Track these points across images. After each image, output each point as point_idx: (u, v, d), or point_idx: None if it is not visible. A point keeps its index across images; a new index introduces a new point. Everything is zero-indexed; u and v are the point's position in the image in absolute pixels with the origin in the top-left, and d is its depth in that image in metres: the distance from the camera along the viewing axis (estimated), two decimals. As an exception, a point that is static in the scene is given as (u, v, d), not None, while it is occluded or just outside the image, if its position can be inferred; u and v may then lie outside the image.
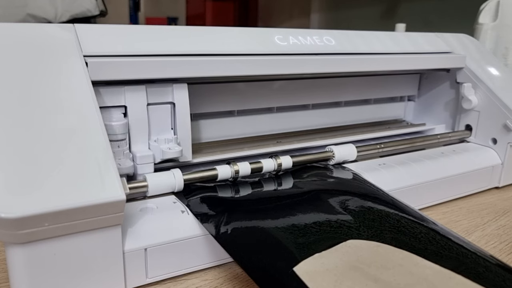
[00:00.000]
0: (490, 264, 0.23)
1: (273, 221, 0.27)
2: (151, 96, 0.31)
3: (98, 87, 0.29)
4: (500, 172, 0.44)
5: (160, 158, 0.31)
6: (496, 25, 0.61)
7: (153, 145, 0.32)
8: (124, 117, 0.31)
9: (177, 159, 0.33)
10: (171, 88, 0.32)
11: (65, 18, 1.33)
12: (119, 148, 0.30)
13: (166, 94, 0.32)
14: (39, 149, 0.22)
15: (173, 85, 0.32)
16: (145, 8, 2.71)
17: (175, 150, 0.31)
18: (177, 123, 0.33)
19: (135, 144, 0.31)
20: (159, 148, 0.31)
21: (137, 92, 0.31)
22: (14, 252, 0.21)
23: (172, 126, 0.33)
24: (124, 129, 0.30)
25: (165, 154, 0.31)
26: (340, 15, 1.67)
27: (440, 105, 0.51)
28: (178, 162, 0.33)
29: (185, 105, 0.33)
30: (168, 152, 0.31)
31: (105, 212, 0.22)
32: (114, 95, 0.30)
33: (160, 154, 0.31)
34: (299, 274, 0.21)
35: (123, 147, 0.30)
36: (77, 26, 0.30)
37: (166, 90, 0.32)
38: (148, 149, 0.32)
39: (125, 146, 0.30)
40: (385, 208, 0.30)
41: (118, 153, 0.30)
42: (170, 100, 0.32)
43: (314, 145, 0.41)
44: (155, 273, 0.26)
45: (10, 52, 0.27)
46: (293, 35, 0.38)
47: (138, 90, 0.31)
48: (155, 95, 0.32)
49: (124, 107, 0.31)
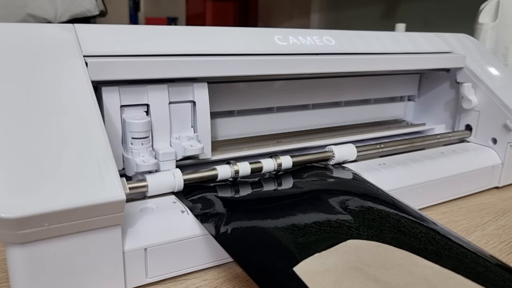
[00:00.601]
0: (490, 264, 0.23)
1: (273, 221, 0.27)
2: (172, 95, 0.32)
3: (122, 86, 0.30)
4: (500, 172, 0.44)
5: (181, 155, 0.32)
6: (496, 25, 0.61)
7: (175, 143, 0.32)
8: (147, 115, 0.31)
9: (197, 156, 0.33)
10: (192, 87, 0.33)
11: (65, 18, 1.33)
12: (142, 145, 0.30)
13: (187, 92, 0.33)
14: (39, 149, 0.22)
15: (194, 84, 0.33)
16: (145, 8, 2.71)
17: (196, 147, 0.32)
18: (197, 121, 0.33)
19: (157, 142, 0.32)
20: (181, 145, 0.32)
21: (160, 91, 0.31)
22: (14, 252, 0.21)
23: (192, 124, 0.34)
24: (148, 127, 0.30)
25: (187, 151, 0.32)
26: (340, 15, 1.67)
27: (440, 105, 0.51)
28: (197, 159, 0.34)
29: (205, 103, 0.33)
30: (190, 149, 0.32)
31: (105, 212, 0.22)
32: (137, 94, 0.31)
33: (181, 151, 0.32)
34: (299, 274, 0.21)
35: (146, 144, 0.30)
36: (77, 26, 0.30)
37: (187, 89, 0.33)
38: (170, 146, 0.32)
39: (148, 143, 0.31)
40: (385, 208, 0.30)
41: (142, 150, 0.30)
42: (191, 98, 0.33)
43: (314, 145, 0.41)
44: (155, 273, 0.26)
45: (10, 52, 0.27)
46: (293, 35, 0.38)
47: (160, 89, 0.31)
48: (176, 94, 0.32)
49: (147, 105, 0.31)
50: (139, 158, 0.30)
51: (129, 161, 0.30)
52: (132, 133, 0.30)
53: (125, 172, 0.31)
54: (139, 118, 0.30)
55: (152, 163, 0.30)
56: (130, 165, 0.30)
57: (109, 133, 0.29)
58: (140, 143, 0.30)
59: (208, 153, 0.35)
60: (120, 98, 0.30)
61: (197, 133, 0.33)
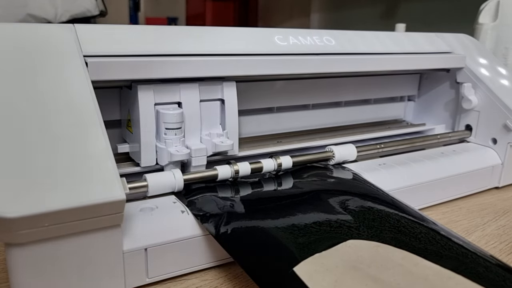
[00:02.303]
0: (490, 264, 0.23)
1: (273, 221, 0.27)
2: (203, 93, 0.33)
3: (156, 84, 0.31)
4: (500, 172, 0.44)
5: (212, 151, 0.33)
6: (496, 25, 0.61)
7: (205, 139, 0.34)
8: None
9: (225, 152, 0.34)
10: (221, 86, 0.34)
11: (65, 18, 1.33)
12: (176, 135, 0.32)
13: (216, 91, 0.34)
14: (39, 149, 0.22)
15: (223, 83, 0.34)
16: (145, 8, 2.71)
17: (227, 143, 0.33)
18: (226, 118, 0.35)
19: (188, 138, 0.33)
20: (211, 141, 0.33)
21: (191, 90, 0.33)
22: (14, 252, 0.21)
23: (220, 121, 0.35)
24: (181, 118, 0.32)
25: (218, 147, 0.33)
26: (340, 15, 1.67)
27: (440, 105, 0.51)
28: (225, 156, 0.35)
29: (233, 101, 0.35)
30: (221, 145, 0.33)
31: (105, 212, 0.22)
32: (170, 92, 0.32)
33: (212, 148, 0.33)
34: (299, 274, 0.21)
35: (179, 135, 0.32)
36: (77, 26, 0.30)
37: (216, 88, 0.34)
38: (201, 143, 0.33)
39: (181, 134, 0.32)
40: (385, 208, 0.30)
41: (175, 140, 0.32)
42: (220, 97, 0.34)
43: (314, 145, 0.41)
44: (155, 273, 0.26)
45: (10, 52, 0.27)
46: (293, 35, 0.38)
47: (192, 88, 0.33)
48: (206, 92, 0.34)
49: (178, 103, 0.33)
50: (173, 148, 0.31)
51: (163, 151, 0.31)
52: (166, 124, 0.31)
53: (158, 162, 0.32)
54: (172, 109, 0.31)
55: (185, 152, 0.31)
56: (163, 155, 0.31)
57: (143, 128, 0.31)
58: (173, 133, 0.31)
59: (236, 149, 0.36)
60: (154, 96, 0.31)
61: (226, 130, 0.35)
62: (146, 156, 0.32)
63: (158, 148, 0.32)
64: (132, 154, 0.34)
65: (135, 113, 0.32)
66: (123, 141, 0.35)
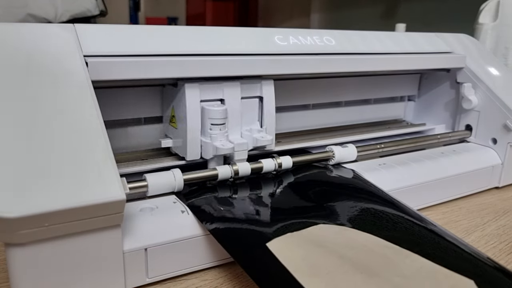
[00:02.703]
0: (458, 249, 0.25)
1: (255, 207, 0.29)
2: (243, 91, 0.35)
3: (201, 82, 0.33)
4: (500, 172, 0.44)
5: (252, 146, 0.35)
6: (496, 25, 0.61)
7: (245, 134, 0.36)
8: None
9: (263, 147, 0.36)
10: (260, 84, 0.36)
11: (65, 18, 1.33)
12: (220, 131, 0.33)
13: (255, 89, 0.36)
14: (39, 149, 0.22)
15: (262, 82, 0.36)
16: (145, 8, 2.71)
17: (267, 138, 0.35)
18: (264, 115, 0.36)
19: (230, 134, 0.35)
20: (252, 136, 0.35)
21: (234, 87, 0.34)
22: (14, 252, 0.21)
23: (258, 118, 0.37)
24: (225, 114, 0.33)
25: (259, 142, 0.35)
26: (340, 15, 1.67)
27: (440, 105, 0.51)
28: (263, 150, 0.37)
29: (271, 99, 0.36)
30: (262, 140, 0.35)
31: (105, 212, 0.22)
32: (214, 90, 0.34)
33: (252, 142, 0.35)
34: (271, 249, 0.24)
35: (223, 130, 0.33)
36: (77, 26, 0.30)
37: (256, 86, 0.36)
38: (242, 138, 0.35)
39: (225, 129, 0.33)
40: (382, 207, 0.30)
41: (219, 135, 0.33)
42: (259, 94, 0.36)
43: (314, 145, 0.41)
44: (155, 273, 0.26)
45: (10, 52, 0.27)
46: (293, 35, 0.38)
47: (234, 86, 0.34)
48: (247, 90, 0.35)
49: (221, 100, 0.34)
50: (218, 142, 0.33)
51: (208, 145, 0.33)
52: (211, 120, 0.33)
53: (203, 155, 0.34)
54: (217, 106, 0.33)
55: (230, 147, 0.33)
56: (208, 149, 0.33)
57: (189, 122, 0.32)
58: (218, 128, 0.33)
59: (273, 144, 0.37)
60: (200, 94, 0.33)
61: (265, 126, 0.36)
62: (192, 150, 0.33)
63: (203, 142, 0.33)
64: (176, 148, 0.35)
65: (181, 109, 0.33)
66: (165, 137, 0.36)
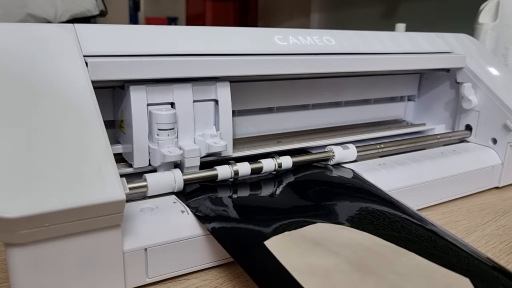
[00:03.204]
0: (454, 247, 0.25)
1: (255, 207, 0.29)
2: (196, 94, 0.33)
3: (148, 85, 0.31)
4: (500, 172, 0.44)
5: (205, 152, 0.33)
6: (496, 25, 0.61)
7: (198, 140, 0.34)
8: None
9: (219, 153, 0.34)
10: (215, 86, 0.34)
11: (65, 18, 1.33)
12: (168, 136, 0.31)
13: (210, 91, 0.34)
14: (39, 149, 0.22)
15: (217, 83, 0.34)
16: (145, 8, 2.71)
17: (220, 144, 0.33)
18: (219, 119, 0.34)
19: (181, 139, 0.33)
20: (205, 142, 0.33)
21: (185, 90, 0.32)
22: (14, 252, 0.21)
23: (214, 122, 0.35)
24: (173, 119, 0.31)
25: (212, 148, 0.33)
26: (340, 15, 1.67)
27: (440, 105, 0.51)
28: (219, 157, 0.35)
29: (227, 102, 0.34)
30: (214, 146, 0.33)
31: (105, 212, 0.22)
32: (163, 92, 0.32)
33: (205, 148, 0.33)
34: (269, 247, 0.24)
35: (172, 135, 0.32)
36: (77, 26, 0.30)
37: (210, 88, 0.34)
38: (194, 144, 0.33)
39: (174, 135, 0.32)
40: (380, 206, 0.30)
41: (167, 141, 0.31)
42: (214, 97, 0.34)
43: (314, 145, 0.41)
44: (155, 273, 0.26)
45: (10, 52, 0.27)
46: (293, 35, 0.38)
47: (185, 88, 0.32)
48: (200, 93, 0.33)
49: (171, 103, 0.32)
50: (166, 149, 0.31)
51: (155, 152, 0.31)
52: (158, 125, 0.31)
53: (151, 162, 0.32)
54: (165, 110, 0.31)
55: (178, 153, 0.31)
56: (156, 156, 0.31)
57: (136, 129, 0.31)
58: (166, 134, 0.31)
59: (230, 150, 0.35)
60: (147, 97, 0.31)
61: (219, 131, 0.34)
62: (139, 157, 0.31)
63: (150, 149, 0.31)
64: (125, 155, 0.33)
65: (128, 113, 0.31)
66: (117, 142, 0.34)
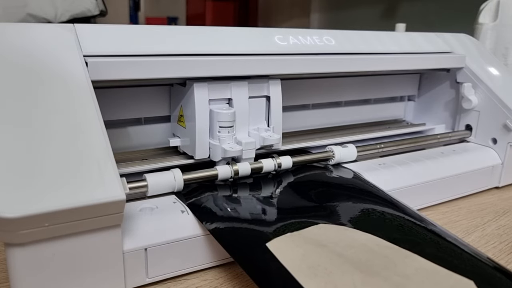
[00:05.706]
0: (458, 249, 0.25)
1: (256, 206, 0.29)
2: (251, 90, 0.35)
3: (210, 82, 0.33)
4: (500, 172, 0.44)
5: (260, 145, 0.35)
6: (496, 25, 0.61)
7: (253, 133, 0.36)
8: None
9: (270, 146, 0.36)
10: (267, 84, 0.36)
11: (65, 18, 1.33)
12: (229, 133, 0.33)
13: (263, 88, 0.36)
14: (39, 149, 0.22)
15: (269, 81, 0.36)
16: (145, 8, 2.71)
17: (274, 137, 0.35)
18: (271, 114, 0.37)
19: (237, 133, 0.35)
20: (259, 135, 0.35)
21: (241, 87, 0.34)
22: (14, 252, 0.21)
23: (265, 117, 0.37)
24: (233, 117, 0.33)
25: (266, 141, 0.35)
26: (340, 15, 1.67)
27: (440, 105, 0.51)
28: (269, 149, 0.37)
29: (278, 98, 0.37)
30: (269, 139, 0.35)
31: (105, 212, 0.22)
32: (222, 89, 0.34)
33: (259, 141, 0.35)
34: (271, 249, 0.24)
35: (232, 132, 0.34)
36: (77, 26, 0.30)
37: (263, 86, 0.36)
38: (249, 137, 0.35)
39: (233, 132, 0.34)
40: (382, 207, 0.30)
41: (228, 138, 0.33)
42: (266, 94, 0.36)
43: (314, 145, 0.41)
44: (155, 273, 0.26)
45: (10, 52, 0.27)
46: (293, 35, 0.38)
47: (242, 85, 0.35)
48: (254, 90, 0.35)
49: (229, 99, 0.34)
50: (227, 145, 0.33)
51: (216, 148, 0.33)
52: (220, 122, 0.33)
53: (211, 157, 0.34)
54: (226, 109, 0.33)
55: (238, 149, 0.33)
56: (216, 151, 0.33)
57: (198, 123, 0.33)
58: (226, 131, 0.33)
59: (280, 143, 0.37)
60: (208, 93, 0.33)
61: (272, 125, 0.36)
62: (200, 149, 0.33)
63: (211, 144, 0.33)
64: (184, 147, 0.35)
65: (190, 108, 0.33)
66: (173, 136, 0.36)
